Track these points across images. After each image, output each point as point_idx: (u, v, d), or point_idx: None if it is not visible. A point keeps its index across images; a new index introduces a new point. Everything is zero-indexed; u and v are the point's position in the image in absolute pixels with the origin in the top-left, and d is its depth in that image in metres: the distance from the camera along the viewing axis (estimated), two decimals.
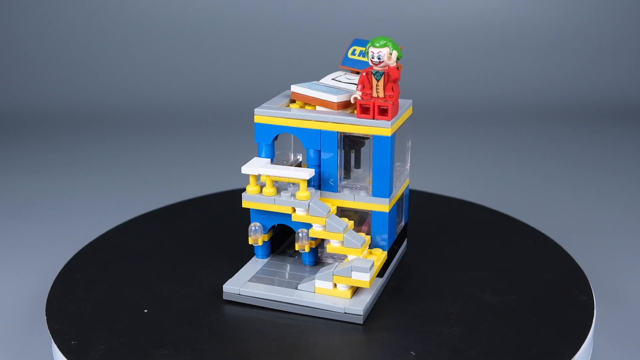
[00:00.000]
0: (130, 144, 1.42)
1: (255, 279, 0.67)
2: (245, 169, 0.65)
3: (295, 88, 0.68)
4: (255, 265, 0.70)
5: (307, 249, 0.66)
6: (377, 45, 0.62)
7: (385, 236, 0.67)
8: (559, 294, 0.68)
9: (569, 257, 0.76)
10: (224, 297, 0.66)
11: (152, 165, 1.30)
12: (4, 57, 1.71)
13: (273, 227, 0.70)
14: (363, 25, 1.76)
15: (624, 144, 1.41)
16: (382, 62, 0.63)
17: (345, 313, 0.62)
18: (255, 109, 0.67)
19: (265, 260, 0.70)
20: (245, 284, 0.66)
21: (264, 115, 0.66)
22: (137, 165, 1.31)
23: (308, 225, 0.65)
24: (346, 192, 0.67)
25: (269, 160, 0.67)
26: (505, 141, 1.43)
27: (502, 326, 0.62)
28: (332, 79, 0.70)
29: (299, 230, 0.66)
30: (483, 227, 0.83)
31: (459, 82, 1.70)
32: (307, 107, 0.68)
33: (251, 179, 0.66)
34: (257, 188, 0.66)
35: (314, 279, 0.65)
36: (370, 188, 0.67)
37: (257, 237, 0.68)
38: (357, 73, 0.70)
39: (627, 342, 0.74)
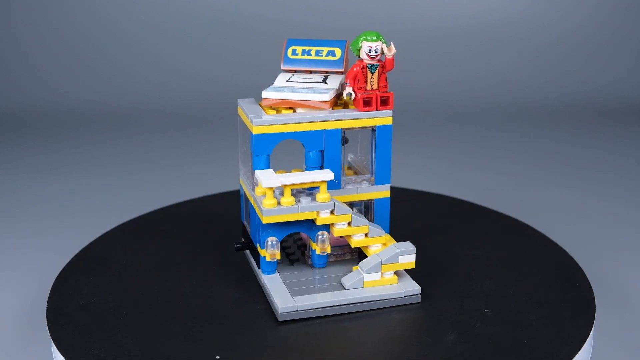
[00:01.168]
0: (130, 144, 1.42)
1: (295, 292, 0.65)
2: (267, 183, 0.62)
3: (272, 94, 0.65)
4: (272, 281, 0.67)
5: (328, 250, 0.67)
6: (372, 39, 0.64)
7: (388, 222, 0.69)
8: (559, 293, 0.68)
9: (569, 257, 0.76)
10: (281, 319, 0.62)
11: (153, 165, 1.30)
12: (4, 57, 1.71)
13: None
14: (363, 25, 1.76)
15: (624, 143, 1.41)
16: (379, 55, 0.64)
17: (405, 296, 0.65)
18: (254, 120, 0.64)
19: (274, 274, 0.68)
20: (295, 299, 0.63)
21: (264, 125, 0.64)
22: (137, 165, 1.31)
23: (326, 227, 0.66)
24: (349, 186, 0.68)
25: (272, 170, 0.65)
26: (505, 141, 1.43)
27: (501, 326, 0.62)
28: (288, 80, 0.67)
29: (320, 233, 0.66)
30: (483, 227, 0.83)
31: (459, 82, 1.70)
32: (284, 111, 0.66)
33: (268, 193, 0.63)
34: (274, 201, 0.63)
35: (360, 275, 0.65)
36: (373, 178, 0.69)
37: (275, 252, 0.66)
38: (310, 72, 0.69)
39: (627, 342, 0.74)
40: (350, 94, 0.65)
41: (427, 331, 0.62)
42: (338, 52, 0.68)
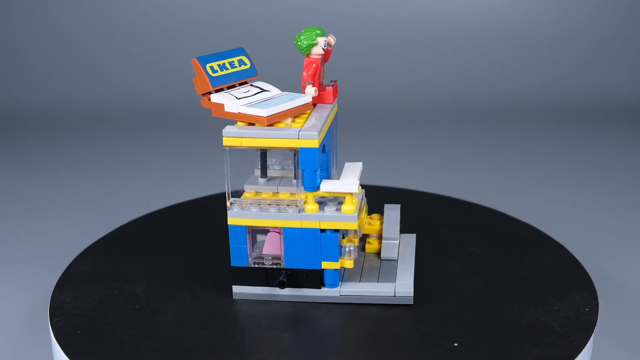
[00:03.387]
0: (131, 144, 1.42)
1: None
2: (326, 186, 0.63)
3: (274, 109, 0.63)
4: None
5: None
6: (322, 34, 0.66)
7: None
8: (560, 293, 0.68)
9: (571, 255, 0.76)
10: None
11: (153, 165, 1.30)
12: (4, 57, 1.71)
13: None
14: (363, 25, 1.76)
15: (624, 143, 1.41)
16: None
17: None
18: (302, 133, 0.61)
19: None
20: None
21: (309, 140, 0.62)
22: (137, 165, 1.31)
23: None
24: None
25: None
26: (505, 141, 1.43)
27: (501, 325, 0.62)
28: (241, 97, 0.66)
29: (347, 245, 0.66)
30: (483, 226, 0.83)
31: (459, 82, 1.70)
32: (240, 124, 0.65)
33: (311, 199, 0.64)
34: (316, 206, 0.64)
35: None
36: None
37: (354, 254, 0.67)
38: (245, 83, 0.68)
39: (627, 341, 0.74)
40: (316, 90, 0.66)
41: (425, 331, 0.62)
42: (245, 60, 0.69)
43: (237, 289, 0.67)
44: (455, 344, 0.59)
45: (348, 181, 0.63)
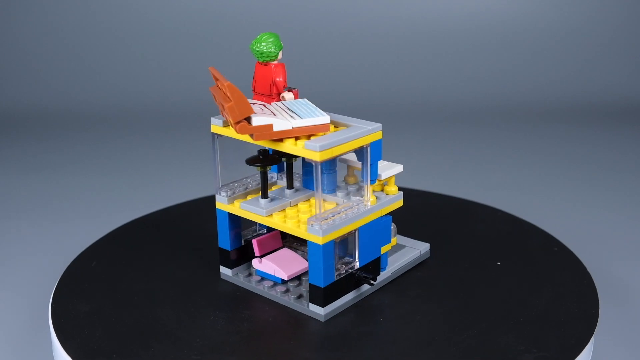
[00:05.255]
0: (131, 144, 1.42)
1: None
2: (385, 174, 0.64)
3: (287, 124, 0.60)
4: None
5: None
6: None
7: None
8: (562, 292, 0.68)
9: (573, 255, 0.76)
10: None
11: (154, 165, 1.30)
12: (4, 57, 1.71)
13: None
14: (363, 25, 1.76)
15: (624, 143, 1.41)
16: None
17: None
18: (371, 128, 0.62)
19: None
20: None
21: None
22: (138, 165, 1.31)
23: None
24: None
25: None
26: (505, 141, 1.43)
27: (502, 325, 0.62)
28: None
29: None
30: (484, 226, 0.83)
31: (459, 82, 1.70)
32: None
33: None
34: (374, 197, 0.65)
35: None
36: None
37: None
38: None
39: (627, 341, 0.74)
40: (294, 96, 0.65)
41: (428, 331, 0.62)
42: None
43: (327, 310, 0.63)
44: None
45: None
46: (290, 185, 0.67)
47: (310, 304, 0.63)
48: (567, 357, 0.58)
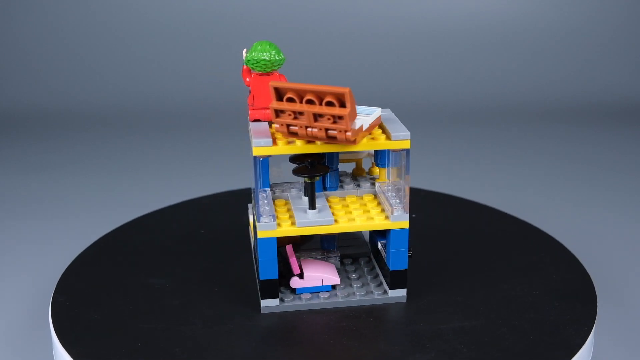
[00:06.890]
0: (131, 144, 1.42)
1: None
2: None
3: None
4: None
5: None
6: None
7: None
8: (560, 292, 0.68)
9: (572, 255, 0.76)
10: None
11: (154, 165, 1.30)
12: (4, 57, 1.71)
13: None
14: (363, 25, 1.76)
15: (624, 143, 1.41)
16: None
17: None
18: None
19: None
20: None
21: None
22: (138, 165, 1.31)
23: None
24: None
25: None
26: (505, 141, 1.43)
27: (502, 325, 0.62)
28: None
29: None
30: (484, 226, 0.83)
31: (459, 82, 1.70)
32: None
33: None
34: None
35: None
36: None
37: None
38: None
39: (627, 342, 0.74)
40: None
41: (426, 330, 0.62)
42: None
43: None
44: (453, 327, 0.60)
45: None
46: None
47: (390, 290, 0.65)
48: (566, 356, 0.58)
